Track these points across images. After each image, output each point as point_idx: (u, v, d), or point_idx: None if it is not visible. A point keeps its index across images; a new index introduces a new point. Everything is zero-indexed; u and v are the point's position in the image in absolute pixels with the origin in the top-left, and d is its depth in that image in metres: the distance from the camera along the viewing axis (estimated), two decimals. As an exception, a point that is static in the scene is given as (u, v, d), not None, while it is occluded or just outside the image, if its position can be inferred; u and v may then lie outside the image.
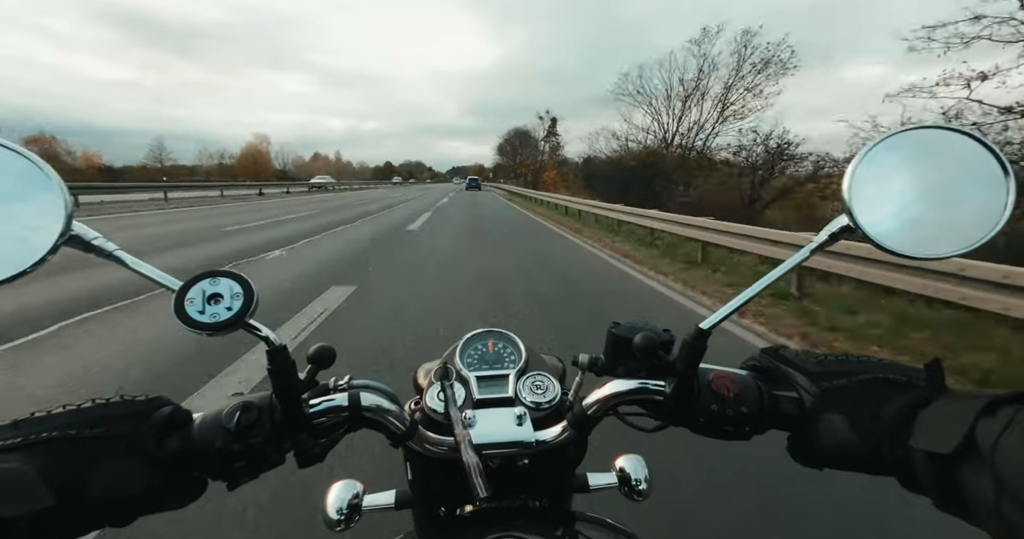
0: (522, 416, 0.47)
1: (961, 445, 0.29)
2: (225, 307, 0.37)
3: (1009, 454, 0.26)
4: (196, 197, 22.34)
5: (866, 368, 0.39)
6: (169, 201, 19.31)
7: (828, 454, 0.38)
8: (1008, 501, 0.26)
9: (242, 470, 0.38)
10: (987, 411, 0.29)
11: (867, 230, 0.38)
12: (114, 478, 0.33)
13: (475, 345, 0.56)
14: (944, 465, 0.30)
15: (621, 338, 0.46)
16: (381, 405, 0.43)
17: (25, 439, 0.31)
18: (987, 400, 0.29)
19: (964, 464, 0.29)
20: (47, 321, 3.57)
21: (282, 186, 37.09)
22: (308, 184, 39.46)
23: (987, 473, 0.27)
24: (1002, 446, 0.27)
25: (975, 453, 0.28)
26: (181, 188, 23.09)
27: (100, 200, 16.48)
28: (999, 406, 0.29)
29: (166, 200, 19.52)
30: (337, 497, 0.50)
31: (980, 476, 0.28)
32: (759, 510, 1.67)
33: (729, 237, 6.10)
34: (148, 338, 3.29)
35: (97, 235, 0.38)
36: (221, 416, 0.38)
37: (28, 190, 0.35)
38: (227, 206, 17.86)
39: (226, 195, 24.59)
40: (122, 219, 11.93)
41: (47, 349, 3.10)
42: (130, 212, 13.94)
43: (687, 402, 0.42)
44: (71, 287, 4.52)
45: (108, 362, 2.88)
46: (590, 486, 0.55)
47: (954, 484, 0.29)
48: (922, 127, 0.39)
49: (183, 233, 9.25)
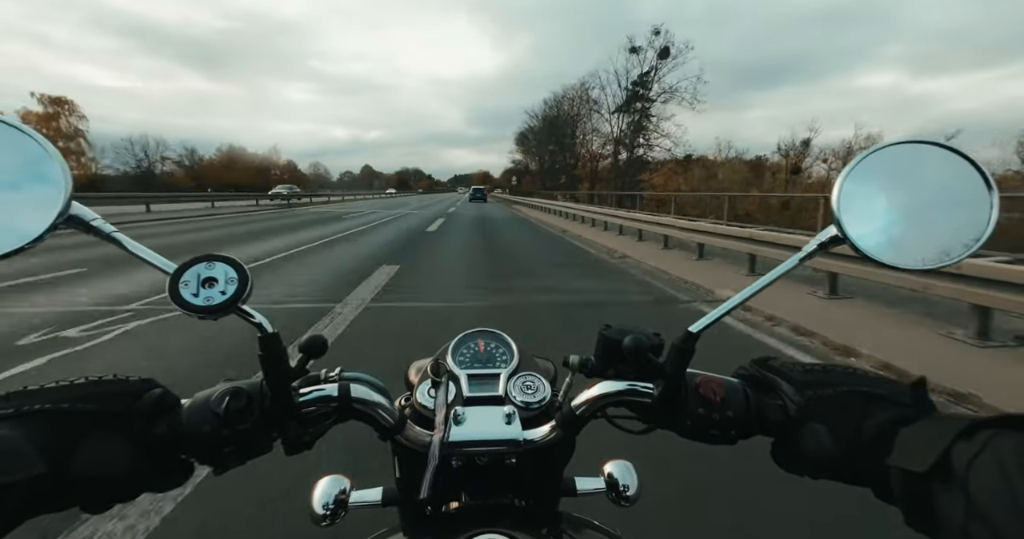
0: (511, 415, 0.47)
1: (935, 465, 0.29)
2: (219, 291, 0.37)
3: (981, 476, 0.27)
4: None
5: (851, 380, 0.39)
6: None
7: (809, 462, 0.38)
8: (976, 523, 0.26)
9: (229, 455, 0.38)
10: (965, 434, 0.29)
11: (855, 241, 0.39)
12: (100, 453, 0.33)
13: (468, 344, 0.57)
14: (918, 483, 0.30)
15: (611, 340, 0.46)
16: (371, 397, 0.43)
17: (17, 410, 0.32)
18: (967, 423, 0.30)
19: (937, 484, 0.29)
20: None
21: (250, 197, 30.81)
22: (268, 195, 33.44)
23: (959, 494, 0.27)
24: (975, 468, 0.27)
25: (949, 474, 0.28)
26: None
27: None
28: (977, 429, 0.29)
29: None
30: (324, 492, 0.50)
31: (952, 497, 0.28)
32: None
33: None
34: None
35: (96, 216, 0.39)
36: (210, 401, 0.38)
37: (30, 168, 0.36)
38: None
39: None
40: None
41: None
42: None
43: (674, 405, 0.42)
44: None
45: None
46: (578, 490, 0.55)
47: (926, 502, 0.30)
48: (910, 142, 0.41)
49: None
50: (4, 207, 0.35)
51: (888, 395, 0.37)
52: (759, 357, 0.45)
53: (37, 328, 3.88)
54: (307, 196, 38.72)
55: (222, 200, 27.55)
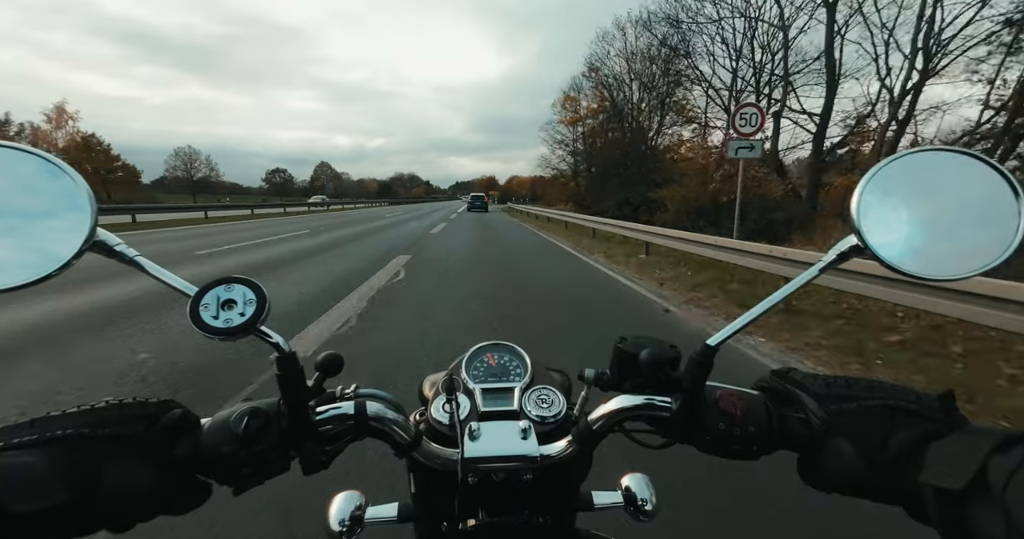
0: (527, 430, 0.46)
1: (971, 482, 0.28)
2: (238, 313, 0.37)
3: (1021, 493, 0.26)
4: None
5: (875, 393, 0.38)
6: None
7: (835, 478, 0.37)
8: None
9: (248, 476, 0.38)
10: (1000, 448, 0.28)
11: (877, 251, 0.39)
12: (123, 478, 0.33)
13: (481, 357, 0.56)
14: (953, 501, 0.29)
15: (627, 353, 0.46)
16: (386, 415, 0.43)
17: (41, 436, 0.32)
18: (1001, 437, 0.29)
19: (974, 501, 0.28)
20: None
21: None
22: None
23: (997, 512, 0.27)
24: (1014, 485, 0.26)
25: (986, 491, 0.28)
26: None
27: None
28: (1013, 444, 0.28)
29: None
30: (339, 508, 0.50)
31: (990, 515, 0.27)
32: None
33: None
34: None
35: (119, 241, 0.39)
36: (230, 421, 0.38)
37: (57, 196, 0.37)
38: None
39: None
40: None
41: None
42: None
43: (694, 420, 0.42)
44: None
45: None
46: (595, 505, 0.54)
47: (963, 521, 0.29)
48: (930, 150, 0.40)
49: None
50: (34, 235, 0.36)
51: (915, 408, 0.36)
52: (779, 369, 0.44)
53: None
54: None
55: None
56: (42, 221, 0.36)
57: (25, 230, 0.36)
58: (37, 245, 0.35)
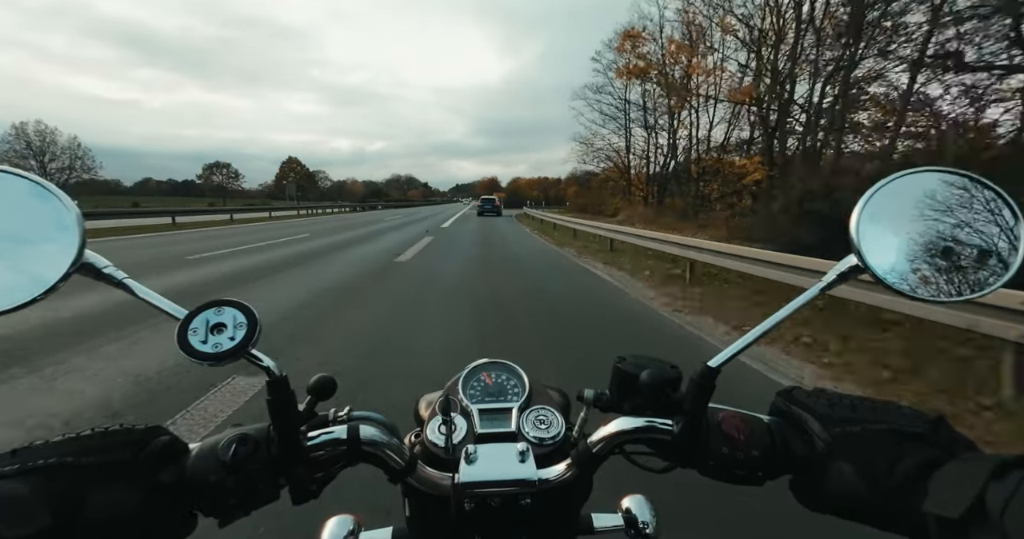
0: (525, 452, 0.45)
1: (970, 509, 0.28)
2: (228, 337, 0.37)
3: (1018, 520, 0.26)
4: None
5: (880, 416, 0.38)
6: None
7: (835, 501, 0.37)
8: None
9: (235, 507, 0.37)
10: (997, 474, 0.28)
11: (876, 271, 0.38)
12: (107, 503, 0.33)
13: (478, 376, 0.55)
14: (954, 529, 0.29)
15: (627, 373, 0.45)
16: (380, 439, 0.42)
17: (23, 466, 0.32)
18: (997, 463, 0.29)
19: (974, 529, 0.28)
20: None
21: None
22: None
23: (998, 538, 0.27)
24: (1011, 511, 0.26)
25: (984, 518, 0.28)
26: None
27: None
28: (1008, 469, 0.28)
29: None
30: (331, 534, 0.49)
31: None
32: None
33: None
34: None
35: (107, 263, 0.39)
36: (217, 448, 0.37)
37: (45, 218, 0.36)
38: None
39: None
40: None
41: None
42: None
43: (696, 443, 0.41)
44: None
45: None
46: (595, 528, 0.53)
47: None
48: (930, 170, 0.40)
49: None
50: (20, 257, 0.35)
51: (920, 433, 0.36)
52: (784, 389, 0.44)
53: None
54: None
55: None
56: (29, 244, 0.36)
57: (12, 253, 0.35)
58: (24, 267, 0.35)
